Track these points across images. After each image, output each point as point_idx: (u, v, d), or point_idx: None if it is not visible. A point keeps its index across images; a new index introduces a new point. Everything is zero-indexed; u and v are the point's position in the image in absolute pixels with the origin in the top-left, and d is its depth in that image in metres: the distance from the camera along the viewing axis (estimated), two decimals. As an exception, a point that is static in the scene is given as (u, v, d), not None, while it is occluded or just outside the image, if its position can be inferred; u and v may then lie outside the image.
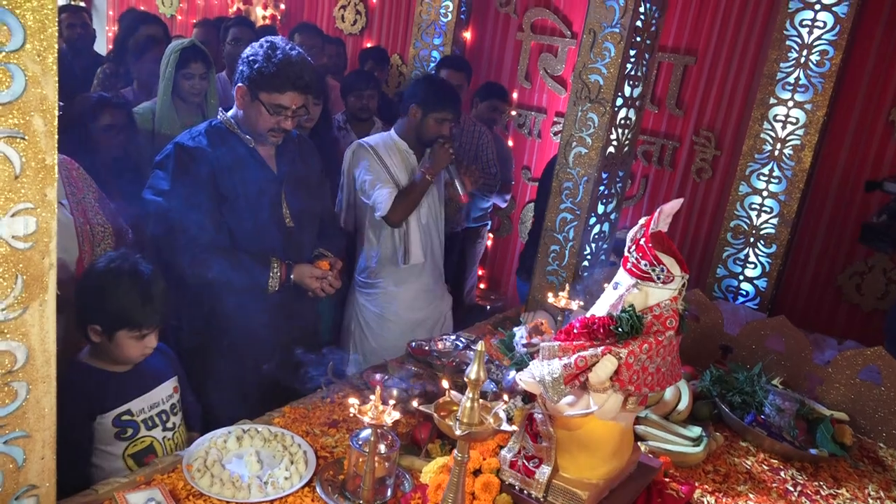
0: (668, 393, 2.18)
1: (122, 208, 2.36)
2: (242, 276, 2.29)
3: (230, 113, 2.37)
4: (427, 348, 2.48)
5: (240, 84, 2.28)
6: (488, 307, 4.73)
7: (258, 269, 2.31)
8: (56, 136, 1.08)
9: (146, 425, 1.90)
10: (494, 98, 4.24)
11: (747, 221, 3.24)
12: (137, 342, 1.86)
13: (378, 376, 2.24)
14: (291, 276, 2.37)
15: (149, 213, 2.26)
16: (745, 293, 3.29)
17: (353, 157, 3.03)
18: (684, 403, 2.18)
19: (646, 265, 1.49)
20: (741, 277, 3.29)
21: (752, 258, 3.25)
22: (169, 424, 1.96)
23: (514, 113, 4.70)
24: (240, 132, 2.34)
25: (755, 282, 3.26)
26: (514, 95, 4.70)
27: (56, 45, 1.05)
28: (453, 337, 2.57)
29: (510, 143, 4.77)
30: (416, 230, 3.02)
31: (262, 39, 2.29)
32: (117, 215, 2.32)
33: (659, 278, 1.48)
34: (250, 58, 2.26)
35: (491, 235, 5.01)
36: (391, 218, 2.91)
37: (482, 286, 5.08)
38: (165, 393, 1.98)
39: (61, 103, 1.08)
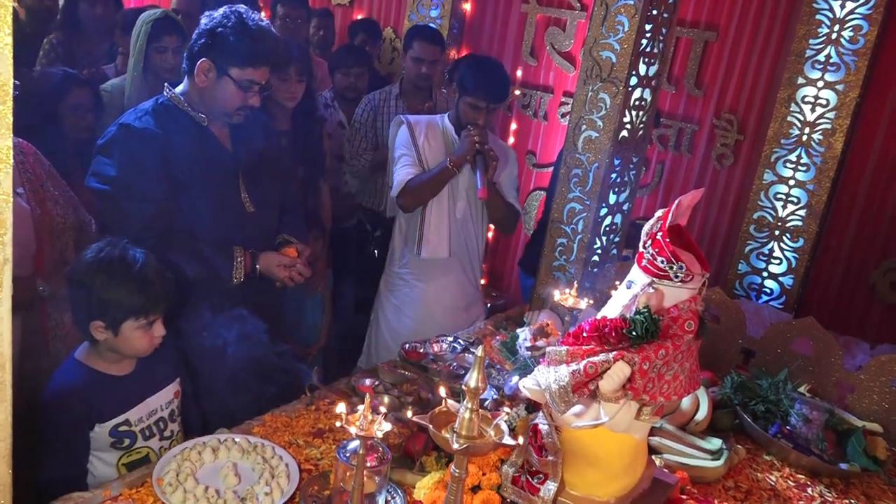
0: (686, 401, 2.18)
1: (86, 198, 2.34)
2: (203, 267, 2.28)
3: (179, 89, 2.34)
4: (422, 351, 2.48)
5: (203, 59, 2.24)
6: (489, 305, 4.72)
7: (220, 259, 2.31)
8: (10, 119, 1.06)
9: (143, 435, 1.93)
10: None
11: (772, 213, 3.23)
12: (145, 332, 1.89)
13: (368, 382, 2.23)
14: (257, 266, 2.37)
15: (95, 204, 2.25)
16: (769, 291, 3.29)
17: (391, 131, 3.09)
18: (703, 413, 2.18)
19: (662, 262, 1.48)
20: (765, 274, 3.28)
21: (777, 253, 3.24)
22: (167, 433, 1.99)
23: (517, 92, 4.68)
24: (190, 110, 2.32)
25: (780, 279, 3.25)
26: (519, 73, 4.69)
27: (10, 19, 1.03)
28: (450, 338, 2.57)
29: (513, 125, 4.76)
30: (440, 221, 3.01)
31: (224, 9, 2.26)
32: (79, 205, 2.31)
33: (677, 277, 1.47)
34: (217, 30, 2.22)
35: (492, 227, 5.00)
36: (401, 201, 2.94)
37: (482, 282, 5.06)
38: (165, 399, 2.01)
39: (17, 82, 1.06)
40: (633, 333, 1.46)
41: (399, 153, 2.99)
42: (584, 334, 1.52)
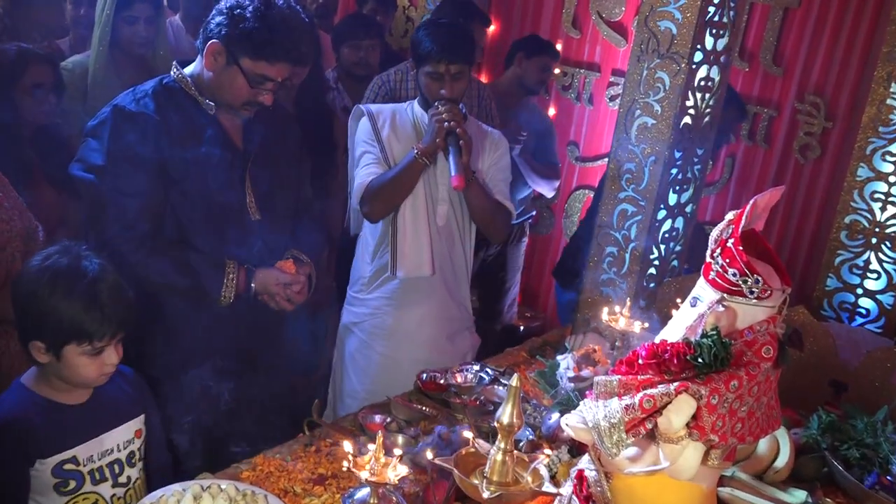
0: (763, 445, 2.17)
1: (46, 196, 2.38)
2: (188, 280, 2.31)
3: (189, 70, 2.39)
4: (442, 382, 2.49)
5: (214, 40, 2.28)
6: (522, 328, 4.74)
7: (209, 272, 2.34)
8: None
9: (92, 478, 1.92)
10: (545, 55, 4.26)
11: (868, 216, 3.21)
12: (92, 359, 1.87)
13: (378, 418, 2.25)
14: (253, 285, 2.39)
15: (78, 194, 2.29)
16: (864, 312, 3.26)
17: (350, 126, 3.02)
18: (784, 459, 2.17)
19: (734, 275, 1.48)
20: (859, 291, 3.26)
21: (874, 265, 3.22)
22: (122, 479, 1.97)
23: (557, 71, 4.70)
24: (198, 95, 2.36)
25: (878, 297, 3.23)
26: (558, 48, 4.70)
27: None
28: (476, 367, 2.58)
29: (551, 110, 4.77)
30: (417, 230, 2.92)
31: None
32: (25, 209, 2.33)
33: (752, 292, 1.47)
34: (235, 11, 2.25)
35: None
36: (366, 208, 2.85)
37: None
38: (124, 437, 1.99)
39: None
40: (700, 361, 1.47)
41: (360, 151, 2.92)
42: (640, 362, 1.53)
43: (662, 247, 2.88)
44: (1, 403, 1.89)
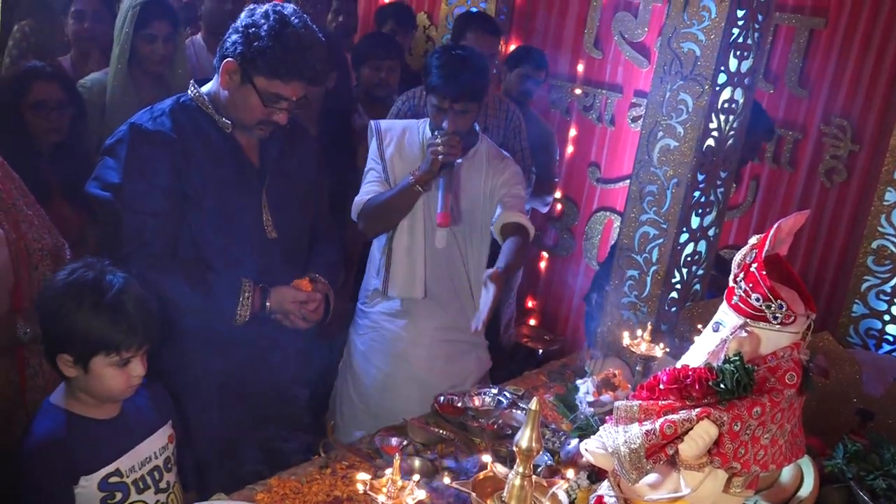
0: (787, 473, 2.15)
1: (64, 214, 2.41)
2: (203, 299, 2.33)
3: (206, 88, 2.43)
4: (460, 405, 2.49)
5: (230, 58, 2.31)
6: (541, 351, 4.73)
7: (224, 291, 2.35)
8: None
9: (137, 488, 1.98)
10: (526, 65, 4.29)
11: (895, 241, 3.20)
12: (119, 371, 1.93)
13: (395, 441, 2.25)
14: (268, 304, 2.41)
15: (95, 213, 2.32)
16: (891, 339, 3.24)
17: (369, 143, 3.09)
18: (808, 488, 2.15)
19: (758, 300, 1.48)
20: (887, 318, 3.24)
21: (902, 291, 3.20)
22: (162, 485, 2.04)
23: (578, 91, 4.72)
24: (215, 114, 2.39)
25: (906, 324, 3.21)
26: (580, 68, 4.73)
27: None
28: (494, 391, 2.58)
29: (573, 131, 4.79)
30: (411, 253, 2.95)
31: (268, 7, 2.32)
32: (52, 227, 2.37)
33: (775, 318, 1.47)
34: (250, 30, 2.28)
35: (545, 255, 5.02)
36: (360, 225, 2.94)
37: (532, 322, 5.08)
38: (159, 444, 2.06)
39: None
40: (722, 386, 1.46)
41: (367, 167, 2.99)
42: (661, 387, 1.53)
43: (685, 270, 2.88)
44: (37, 426, 1.95)
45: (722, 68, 2.64)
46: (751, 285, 1.49)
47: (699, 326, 1.64)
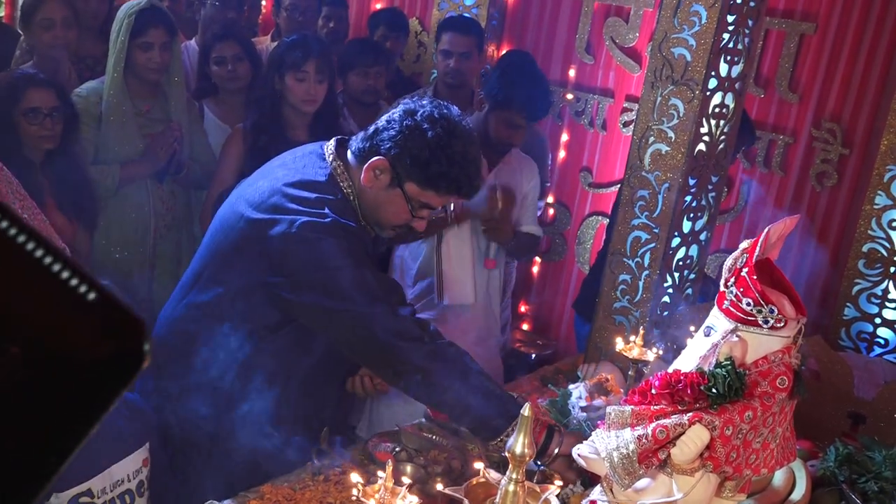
0: (779, 477, 2.16)
1: (56, 221, 2.40)
2: (486, 405, 2.04)
3: (342, 161, 2.22)
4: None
5: (381, 157, 2.11)
6: (534, 356, 4.72)
7: (509, 399, 2.09)
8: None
9: None
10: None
11: (886, 245, 3.21)
12: None
13: (388, 447, 2.25)
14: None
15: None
16: (882, 342, 3.25)
17: None
18: (800, 492, 2.16)
19: (749, 304, 1.49)
20: (878, 321, 3.25)
21: (892, 294, 3.21)
22: None
23: (569, 97, 4.73)
24: (360, 212, 2.21)
25: (897, 327, 3.22)
26: (571, 74, 4.73)
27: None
28: (487, 396, 2.58)
29: (564, 136, 4.80)
30: (460, 259, 3.01)
31: (434, 108, 2.13)
32: (53, 232, 2.37)
33: (766, 322, 1.48)
34: (413, 133, 2.08)
35: (538, 260, 5.02)
36: None
37: (525, 327, 5.08)
38: (133, 467, 2.03)
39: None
40: (714, 391, 1.47)
41: None
42: (653, 392, 1.53)
43: (676, 275, 2.89)
44: None
45: (713, 73, 2.65)
46: (742, 290, 1.50)
47: (692, 330, 1.65)
